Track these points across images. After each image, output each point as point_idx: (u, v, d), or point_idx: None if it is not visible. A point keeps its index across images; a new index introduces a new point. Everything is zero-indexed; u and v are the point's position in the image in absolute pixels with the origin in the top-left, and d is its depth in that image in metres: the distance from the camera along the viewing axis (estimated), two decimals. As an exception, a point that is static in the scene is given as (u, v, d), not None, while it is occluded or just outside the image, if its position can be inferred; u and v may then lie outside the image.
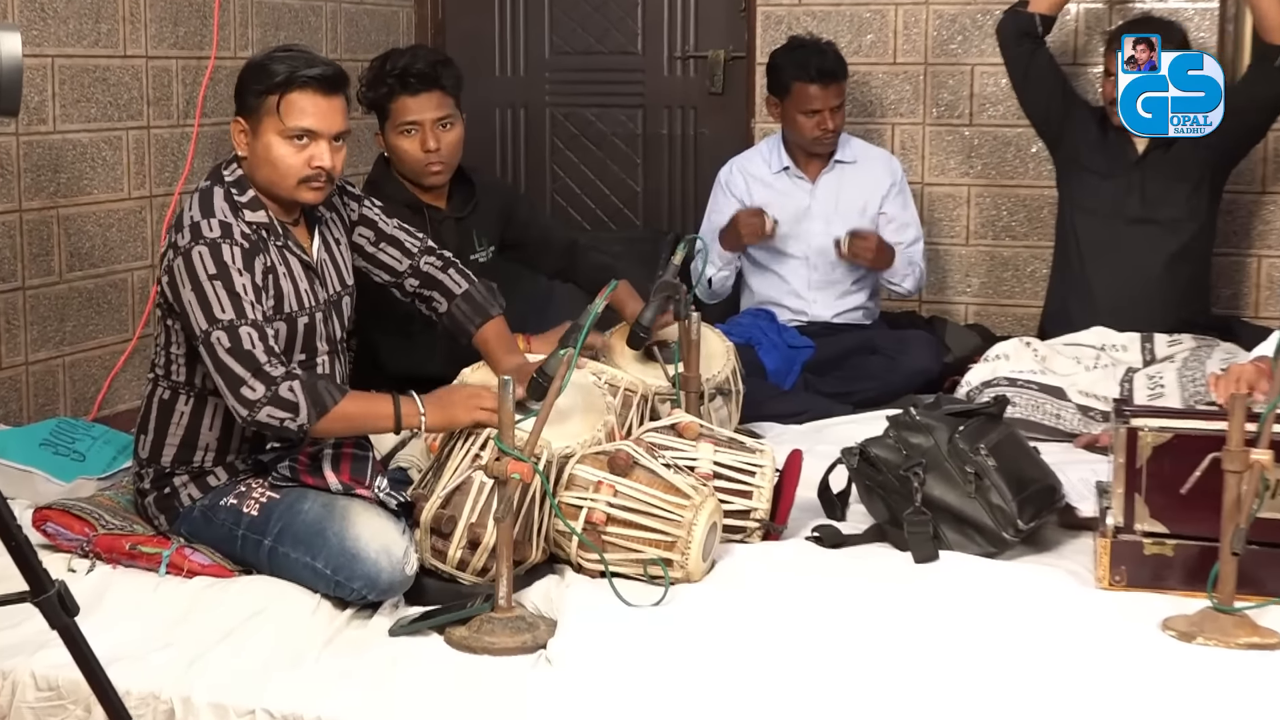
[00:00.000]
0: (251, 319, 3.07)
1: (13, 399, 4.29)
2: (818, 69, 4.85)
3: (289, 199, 3.26)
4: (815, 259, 4.99)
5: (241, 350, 3.05)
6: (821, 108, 4.88)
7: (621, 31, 6.01)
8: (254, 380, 3.04)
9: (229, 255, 3.11)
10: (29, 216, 4.30)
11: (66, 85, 4.41)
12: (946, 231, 5.49)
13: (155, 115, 4.71)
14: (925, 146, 5.47)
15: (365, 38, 5.72)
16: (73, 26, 4.42)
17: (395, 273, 3.57)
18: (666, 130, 6.00)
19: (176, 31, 4.79)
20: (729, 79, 5.85)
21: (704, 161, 5.84)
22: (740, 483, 3.33)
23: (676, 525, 3.10)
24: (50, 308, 4.40)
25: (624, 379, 3.64)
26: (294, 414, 3.05)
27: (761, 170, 5.05)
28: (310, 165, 3.22)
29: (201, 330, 3.07)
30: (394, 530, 3.07)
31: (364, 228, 3.54)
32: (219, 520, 3.20)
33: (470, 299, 3.60)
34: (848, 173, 5.03)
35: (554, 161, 6.17)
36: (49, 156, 4.36)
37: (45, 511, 3.31)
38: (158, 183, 4.75)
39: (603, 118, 6.08)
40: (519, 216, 4.36)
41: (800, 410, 4.51)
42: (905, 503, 3.31)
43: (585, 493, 3.15)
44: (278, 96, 3.20)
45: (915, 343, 4.80)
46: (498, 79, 6.15)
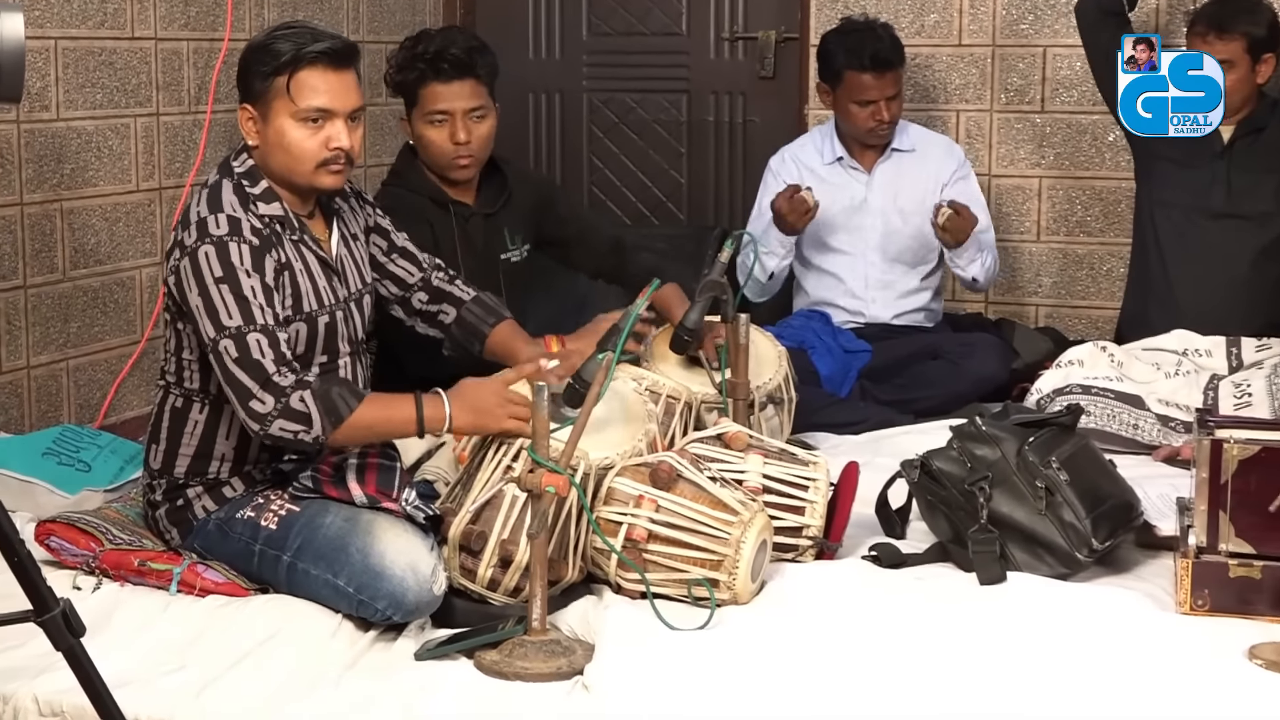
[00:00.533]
0: (261, 324, 3.10)
1: (13, 405, 4.33)
2: (871, 56, 4.84)
3: (307, 186, 3.29)
4: (873, 255, 4.99)
5: (250, 360, 3.07)
6: (876, 98, 4.87)
7: (665, 11, 6.03)
8: (262, 392, 3.06)
9: (236, 255, 3.13)
10: (30, 210, 4.34)
11: (70, 69, 4.45)
12: (1016, 227, 5.49)
13: (165, 101, 4.75)
14: (993, 135, 5.47)
15: (390, 17, 5.75)
16: (77, 6, 4.46)
17: (405, 285, 3.61)
18: (713, 117, 6.01)
19: (188, 11, 4.83)
20: (780, 62, 5.86)
21: (753, 151, 5.85)
22: (792, 497, 3.34)
23: (723, 543, 3.11)
24: (53, 308, 4.44)
25: (667, 385, 3.65)
26: (307, 426, 3.07)
27: (815, 161, 5.06)
28: (328, 147, 3.24)
29: (210, 339, 3.10)
30: (421, 546, 3.08)
31: (378, 237, 3.58)
32: (235, 534, 3.23)
33: (481, 303, 3.65)
34: (906, 162, 5.04)
35: (592, 151, 6.19)
36: (52, 146, 4.40)
37: (49, 525, 3.34)
38: (168, 174, 4.79)
39: (644, 104, 6.09)
40: (557, 210, 4.37)
41: (857, 420, 4.51)
42: (970, 520, 3.31)
43: (625, 507, 3.16)
44: (286, 77, 3.22)
45: (981, 347, 4.79)
46: (531, 61, 6.17)
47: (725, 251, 3.80)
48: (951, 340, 4.87)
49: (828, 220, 4.96)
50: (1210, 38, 4.66)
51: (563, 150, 6.22)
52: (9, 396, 4.31)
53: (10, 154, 4.27)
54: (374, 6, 5.70)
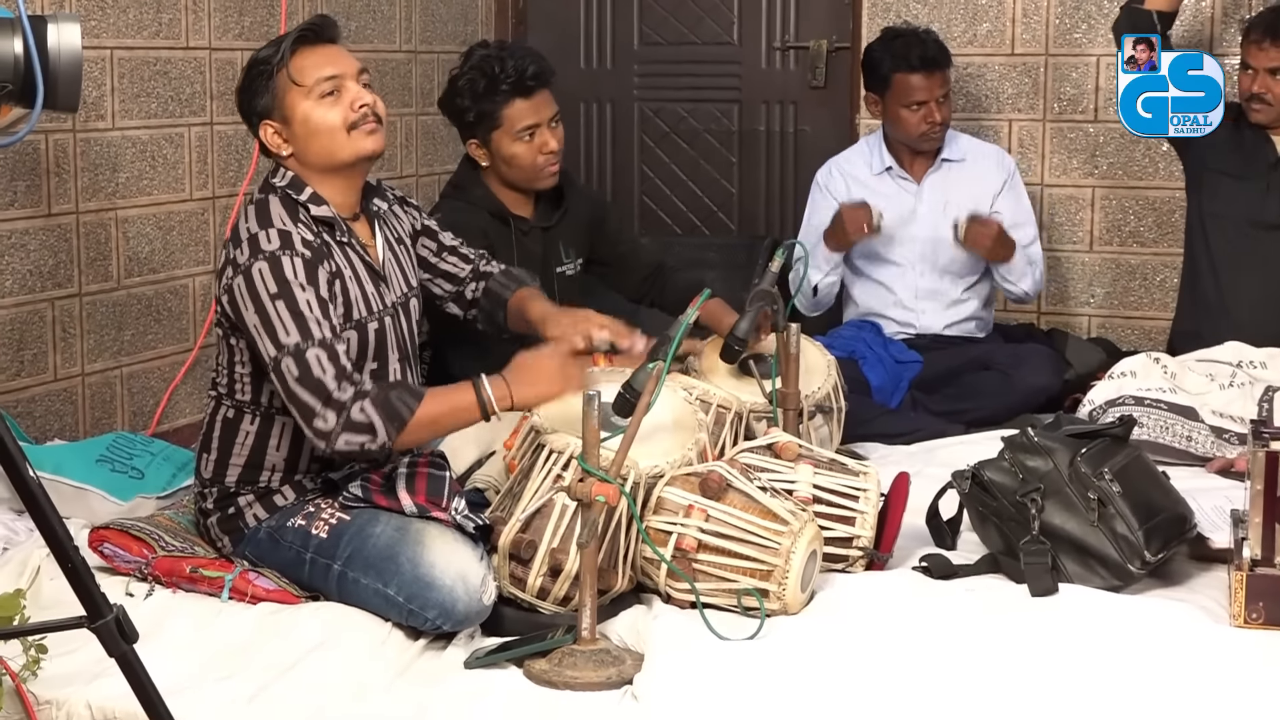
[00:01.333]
0: (319, 338, 3.12)
1: (68, 412, 4.36)
2: (919, 57, 4.84)
3: (352, 159, 3.30)
4: (922, 265, 4.98)
5: (311, 379, 3.10)
6: (926, 98, 4.86)
7: (716, 20, 6.03)
8: (325, 409, 3.09)
9: (290, 269, 3.15)
10: (86, 218, 4.38)
11: (126, 79, 4.48)
12: (1068, 237, 5.46)
13: (219, 110, 4.78)
14: (1045, 145, 5.44)
15: (441, 28, 5.77)
16: (132, 16, 4.49)
17: (458, 280, 3.65)
18: (764, 127, 6.01)
19: (241, 21, 4.86)
20: (832, 71, 5.86)
21: (804, 161, 5.85)
22: (842, 508, 3.34)
23: (773, 553, 3.11)
24: (107, 315, 4.47)
25: (717, 395, 3.65)
26: (371, 435, 3.10)
27: (862, 171, 5.04)
28: (353, 108, 3.28)
29: (270, 358, 3.13)
30: (471, 556, 3.09)
31: (426, 238, 3.62)
32: (286, 542, 3.24)
33: (507, 273, 3.69)
34: (955, 171, 5.02)
35: (643, 160, 6.19)
36: (107, 155, 4.43)
37: (102, 532, 3.37)
38: (221, 183, 4.82)
39: (695, 113, 6.10)
40: (608, 229, 4.38)
41: (907, 430, 4.50)
42: (1022, 531, 3.30)
43: (675, 517, 3.16)
44: (284, 72, 3.28)
45: (1033, 357, 4.78)
46: (583, 71, 6.19)
47: (776, 261, 3.81)
48: (1003, 351, 4.85)
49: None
50: (1266, 45, 4.64)
51: (614, 160, 6.23)
52: (64, 404, 4.34)
53: (66, 163, 4.30)
54: (426, 17, 5.72)
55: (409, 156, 5.63)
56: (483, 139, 4.14)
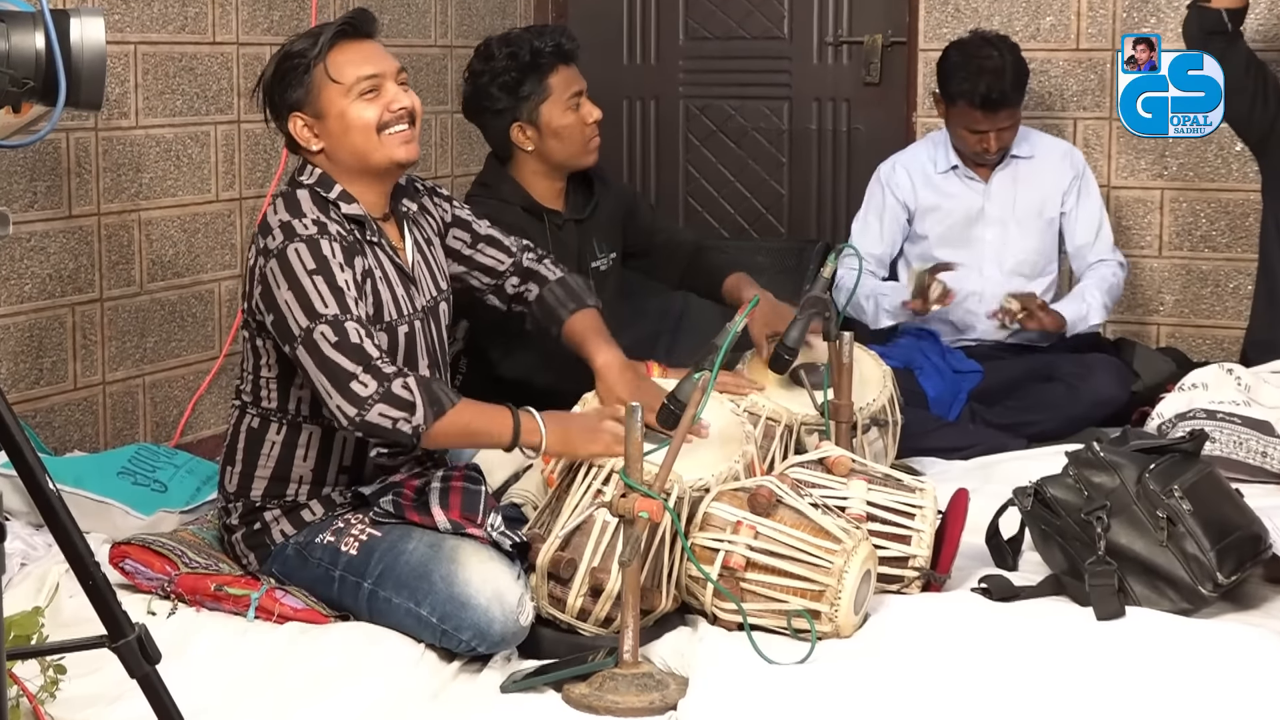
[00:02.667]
0: (357, 315, 3.14)
1: (88, 422, 4.38)
2: (984, 97, 4.77)
3: (385, 165, 3.31)
4: (989, 269, 4.96)
5: (349, 344, 3.10)
6: (987, 129, 4.84)
7: (766, 14, 6.03)
8: (365, 375, 3.09)
9: (328, 249, 3.18)
10: (108, 220, 4.40)
11: (150, 75, 4.51)
12: (1136, 241, 5.44)
13: (246, 108, 4.81)
14: (1112, 144, 5.43)
15: (478, 22, 5.79)
16: (157, 10, 4.52)
17: (496, 273, 3.66)
18: (816, 125, 6.01)
19: (271, 16, 4.88)
20: (887, 67, 5.85)
21: (858, 161, 5.84)
22: (898, 526, 3.33)
23: (825, 573, 3.10)
24: (130, 322, 4.49)
25: (766, 406, 3.65)
26: (409, 413, 3.10)
27: (928, 169, 5.03)
28: (390, 110, 3.30)
29: (302, 328, 3.13)
30: (508, 574, 3.10)
31: (459, 229, 3.63)
32: (314, 559, 3.25)
33: (565, 285, 3.69)
34: (1024, 169, 5.01)
35: (688, 160, 6.20)
36: (130, 154, 4.46)
37: (123, 547, 3.38)
38: (248, 183, 4.84)
39: (744, 111, 6.10)
40: (641, 220, 4.40)
41: (966, 444, 4.49)
42: (1087, 551, 3.29)
43: (722, 534, 3.16)
44: (321, 65, 3.29)
45: (1099, 368, 4.76)
46: (626, 67, 6.20)
47: (828, 267, 3.81)
48: (1068, 361, 4.83)
49: (942, 232, 4.95)
50: None
51: (658, 160, 6.24)
52: (84, 413, 4.37)
53: (88, 162, 4.33)
54: (462, 11, 5.74)
55: (443, 156, 5.65)
56: (530, 116, 4.15)
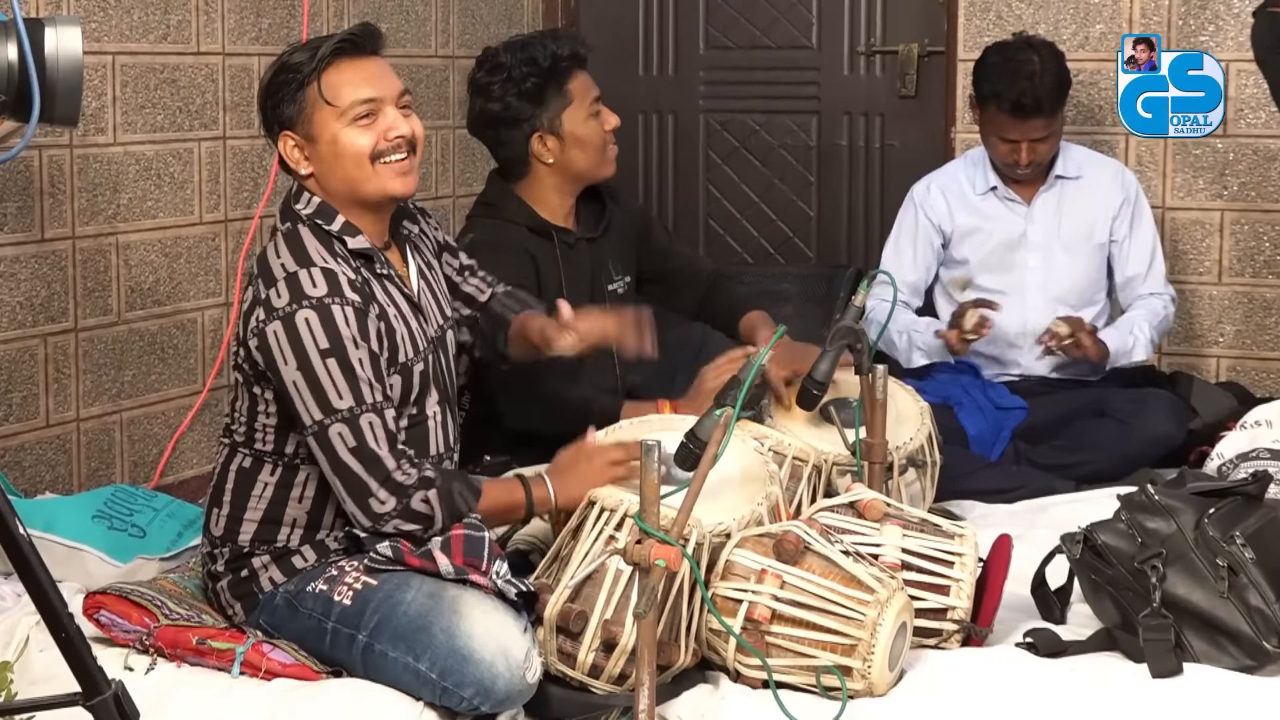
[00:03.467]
0: (371, 402, 3.17)
1: (61, 462, 4.39)
2: (1014, 102, 4.77)
3: (377, 197, 3.32)
4: (1032, 297, 4.96)
5: (366, 451, 3.15)
6: (1018, 139, 4.84)
7: (793, 21, 6.05)
8: (382, 490, 3.16)
9: (342, 320, 3.17)
10: (83, 244, 4.41)
11: (129, 88, 4.53)
12: (1194, 267, 5.44)
13: (233, 123, 4.82)
14: (1167, 162, 5.43)
15: (483, 30, 5.80)
16: (137, 17, 4.53)
17: (477, 304, 3.71)
18: (847, 141, 6.02)
19: (259, 24, 4.90)
20: (924, 79, 5.86)
21: (892, 179, 5.85)
22: (936, 575, 3.32)
23: (857, 626, 3.10)
24: (106, 353, 4.50)
25: (792, 445, 3.65)
26: (427, 525, 3.20)
27: (966, 190, 5.02)
28: (386, 138, 3.29)
29: (315, 421, 3.16)
30: (513, 627, 3.09)
31: (449, 255, 3.68)
32: (305, 609, 3.25)
33: (511, 294, 3.73)
34: (1070, 191, 5.00)
35: (709, 179, 6.21)
36: (107, 173, 4.47)
37: (98, 597, 3.38)
38: (234, 205, 4.85)
39: (769, 126, 6.11)
40: (655, 243, 4.41)
41: (1010, 486, 4.48)
42: (1141, 603, 3.28)
43: (745, 583, 3.16)
44: (315, 84, 3.27)
45: (1154, 405, 4.75)
46: (642, 79, 6.21)
47: (860, 295, 3.80)
48: (1119, 396, 4.83)
49: (982, 257, 4.94)
50: None
51: (676, 179, 6.25)
52: (56, 452, 4.37)
53: (62, 182, 4.33)
54: (465, 19, 5.75)
55: (444, 175, 5.66)
56: (551, 125, 4.16)
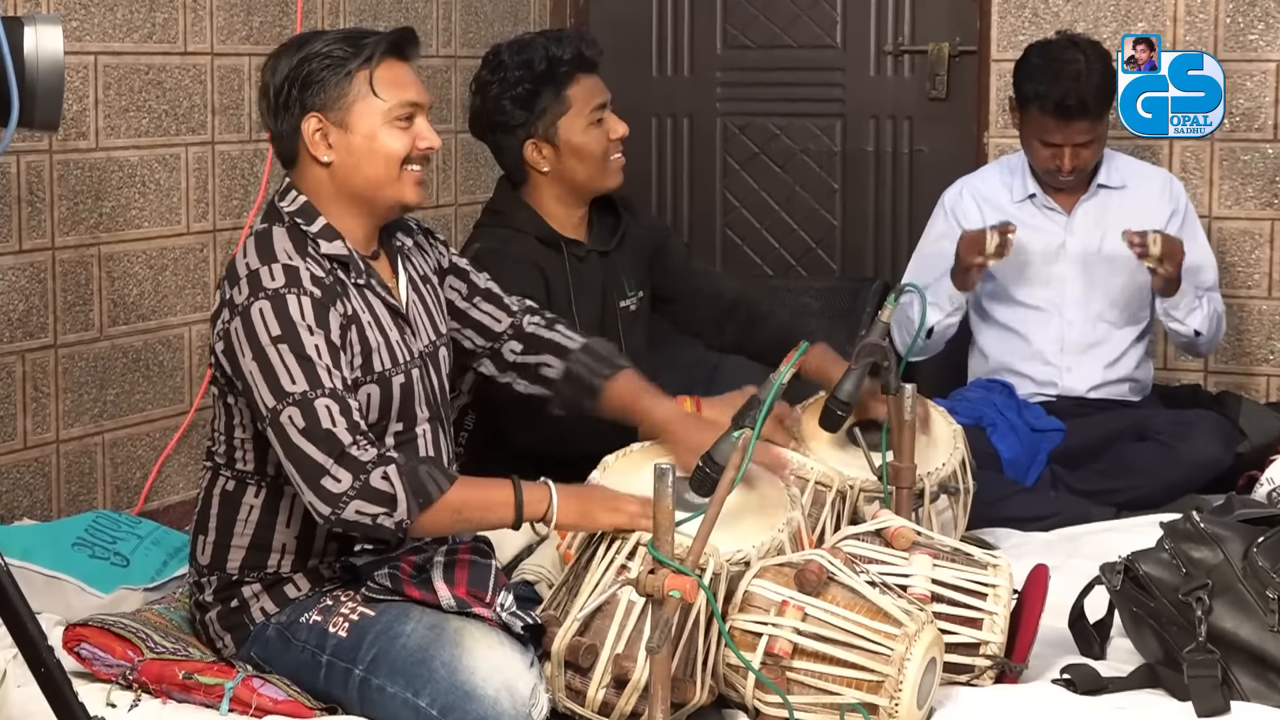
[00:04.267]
0: (329, 388, 3.14)
1: (39, 486, 4.40)
2: (1057, 102, 4.78)
3: (392, 202, 3.35)
4: (1071, 313, 4.96)
5: (319, 431, 3.11)
6: (1060, 143, 4.84)
7: (816, 19, 6.06)
8: (337, 468, 3.09)
9: (296, 309, 3.18)
10: (63, 256, 4.42)
11: (112, 90, 4.54)
12: (1242, 280, 5.44)
13: (222, 127, 4.83)
14: (1213, 169, 5.43)
15: (486, 28, 5.82)
16: (120, 15, 4.55)
17: (492, 334, 3.66)
18: (873, 146, 6.03)
19: (250, 22, 4.91)
20: (954, 80, 5.87)
21: (920, 187, 5.86)
22: (967, 607, 3.33)
23: (884, 660, 3.10)
24: (88, 371, 4.51)
25: (816, 470, 3.65)
26: (390, 508, 3.10)
27: (1001, 197, 5.02)
28: (418, 146, 3.34)
29: (268, 409, 3.14)
30: (519, 662, 3.10)
31: (455, 278, 3.64)
32: (298, 642, 3.26)
33: (592, 351, 3.68)
34: (1114, 201, 5.00)
35: (726, 186, 6.22)
36: (89, 180, 4.48)
37: (79, 630, 3.39)
38: (223, 213, 4.87)
39: (790, 130, 6.12)
40: (671, 260, 4.40)
41: (1046, 513, 4.48)
42: (1185, 637, 3.28)
43: (765, 616, 3.16)
44: (366, 73, 3.30)
45: (1199, 426, 4.75)
46: (655, 80, 6.22)
47: (887, 310, 3.80)
48: (1163, 418, 4.83)
49: (1018, 269, 4.94)
50: None
51: (691, 186, 6.25)
52: (34, 476, 4.38)
53: (41, 189, 4.35)
54: (469, 17, 5.77)
55: (446, 182, 5.68)
56: (546, 133, 4.18)
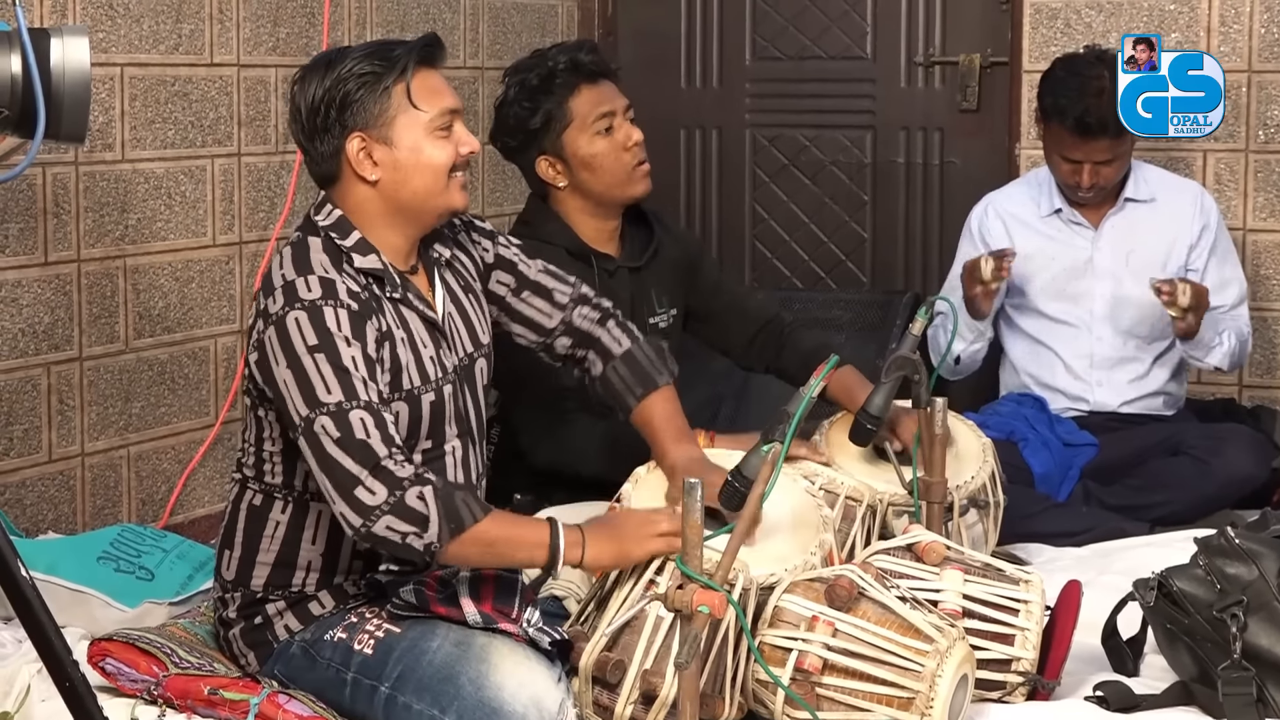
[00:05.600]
0: (364, 400, 3.14)
1: (65, 500, 4.41)
2: (1078, 119, 4.77)
3: (441, 210, 3.36)
4: (1100, 328, 4.96)
5: (354, 440, 3.10)
6: (1080, 159, 4.83)
7: (846, 30, 6.05)
8: (372, 479, 3.08)
9: (333, 320, 3.18)
10: (89, 268, 4.44)
11: (138, 101, 4.55)
12: (1277, 294, 5.43)
13: (249, 139, 4.84)
14: (1248, 181, 5.42)
15: (514, 39, 5.82)
16: (147, 27, 4.56)
17: (543, 330, 3.66)
18: (903, 158, 6.02)
19: (276, 33, 4.92)
20: (986, 92, 5.86)
21: (952, 199, 5.85)
22: (999, 623, 3.32)
23: (915, 677, 3.10)
24: (113, 384, 4.52)
25: (846, 484, 3.65)
26: (421, 528, 3.09)
27: (1028, 212, 5.02)
28: (460, 153, 3.35)
29: (301, 417, 3.13)
30: (547, 677, 3.10)
31: (502, 271, 3.62)
32: (323, 659, 3.26)
33: (632, 361, 3.67)
34: (1143, 215, 4.99)
35: (755, 198, 6.22)
36: (115, 192, 4.49)
37: (104, 644, 3.39)
38: (250, 226, 4.88)
39: (820, 142, 6.12)
40: (704, 277, 4.39)
41: (1079, 528, 4.48)
42: (1220, 654, 3.27)
43: (795, 631, 3.16)
44: (404, 86, 3.31)
45: (1234, 441, 4.74)
46: (684, 91, 6.23)
47: (918, 323, 3.80)
48: (1197, 432, 4.82)
49: (1045, 284, 4.94)
50: None
51: (720, 198, 6.25)
52: (59, 489, 4.39)
53: (67, 201, 4.36)
54: (496, 29, 5.77)
55: (475, 193, 5.68)
56: (553, 148, 4.19)
